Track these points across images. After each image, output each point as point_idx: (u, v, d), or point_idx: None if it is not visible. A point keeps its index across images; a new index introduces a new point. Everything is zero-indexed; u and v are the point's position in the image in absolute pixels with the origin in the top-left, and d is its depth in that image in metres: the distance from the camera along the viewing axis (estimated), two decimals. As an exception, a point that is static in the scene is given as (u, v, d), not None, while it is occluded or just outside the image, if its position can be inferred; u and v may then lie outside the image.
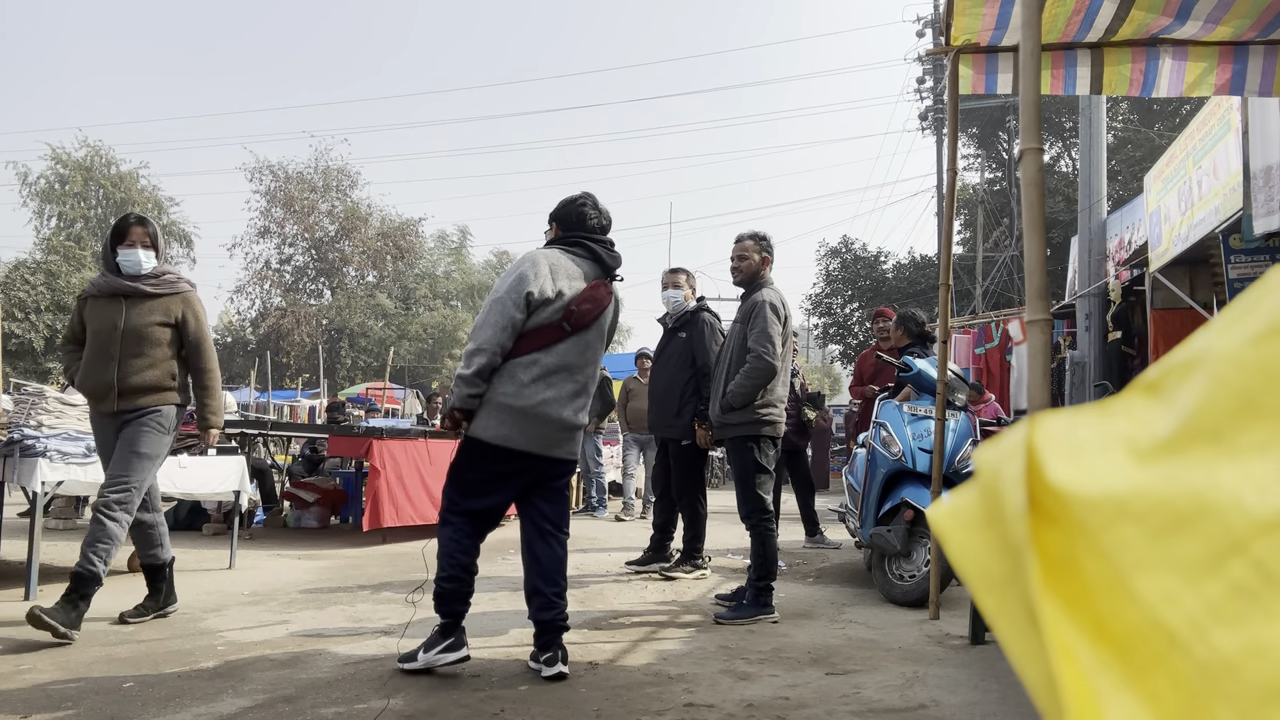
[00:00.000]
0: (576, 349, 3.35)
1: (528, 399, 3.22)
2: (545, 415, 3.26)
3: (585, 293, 3.34)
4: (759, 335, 4.39)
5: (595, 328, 3.41)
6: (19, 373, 19.44)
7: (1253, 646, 0.41)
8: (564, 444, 3.38)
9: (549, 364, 3.27)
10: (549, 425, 3.28)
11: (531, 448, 3.27)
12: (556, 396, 3.28)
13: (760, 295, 4.52)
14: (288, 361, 28.50)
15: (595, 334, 3.42)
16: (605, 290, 3.43)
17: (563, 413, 3.30)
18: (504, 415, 3.23)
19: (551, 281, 3.27)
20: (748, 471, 4.43)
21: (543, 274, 3.27)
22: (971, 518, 0.56)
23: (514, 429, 3.23)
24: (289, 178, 31.12)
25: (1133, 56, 4.13)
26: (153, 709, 2.79)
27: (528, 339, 3.25)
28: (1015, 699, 2.99)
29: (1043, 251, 2.43)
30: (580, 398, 3.39)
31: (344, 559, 6.28)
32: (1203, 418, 0.48)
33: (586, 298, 3.34)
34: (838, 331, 24.72)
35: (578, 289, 3.33)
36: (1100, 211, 8.88)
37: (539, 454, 3.30)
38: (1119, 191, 17.07)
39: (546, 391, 3.26)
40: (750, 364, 4.37)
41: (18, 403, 4.74)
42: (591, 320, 3.37)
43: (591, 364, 3.44)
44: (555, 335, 3.28)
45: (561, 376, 3.30)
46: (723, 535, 7.41)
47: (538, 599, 3.31)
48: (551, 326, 3.28)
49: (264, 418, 10.84)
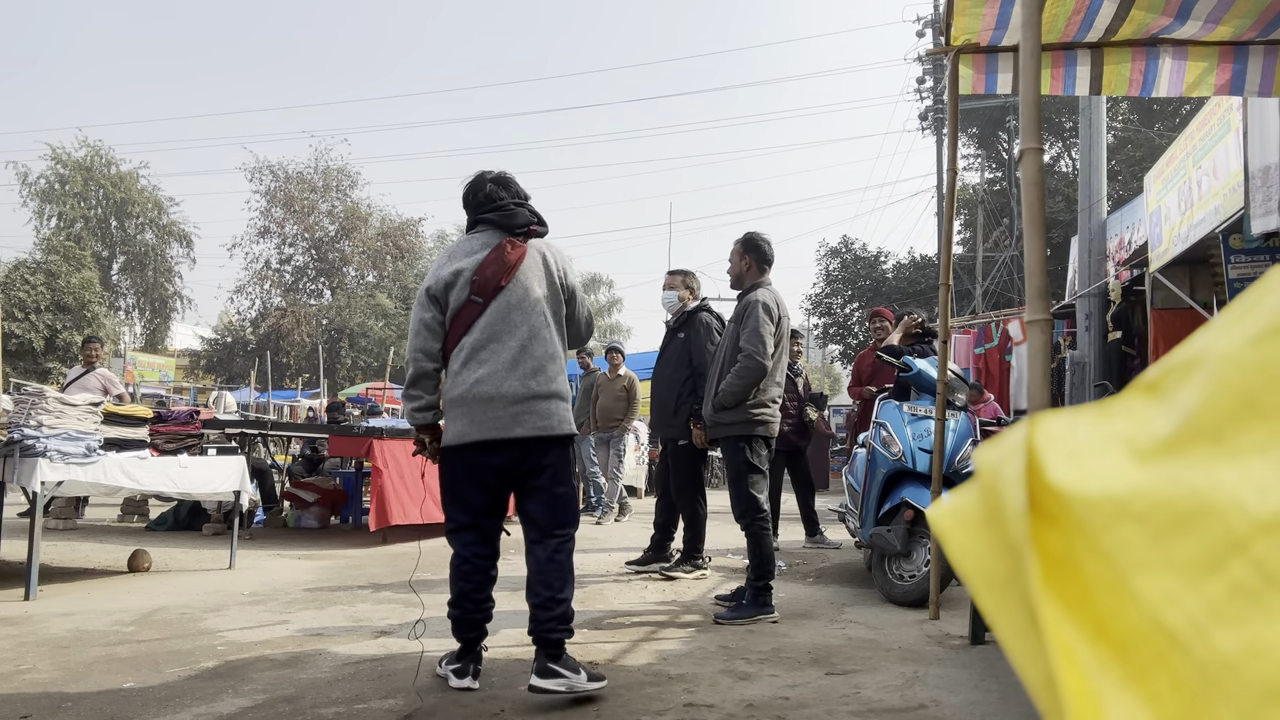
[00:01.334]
0: (499, 315, 3.13)
1: (461, 386, 3.09)
2: (484, 395, 3.07)
3: (488, 258, 3.17)
4: (750, 335, 4.41)
5: (512, 287, 3.17)
6: (19, 373, 19.43)
7: (1253, 646, 0.41)
8: (524, 420, 3.09)
9: (473, 342, 3.12)
10: (493, 404, 3.07)
11: (486, 434, 3.07)
12: (491, 372, 3.08)
13: (754, 295, 4.55)
14: (288, 361, 28.49)
15: (516, 293, 3.17)
16: (511, 247, 3.21)
17: (503, 387, 3.07)
18: (454, 411, 3.12)
19: (448, 266, 3.17)
20: (740, 472, 4.44)
21: (440, 266, 3.20)
22: (971, 518, 0.56)
23: (464, 422, 3.09)
24: (289, 178, 31.11)
25: (1133, 56, 4.13)
26: (153, 709, 2.79)
27: (452, 329, 3.15)
28: (1015, 699, 2.99)
29: (1043, 251, 2.43)
30: (523, 363, 3.12)
31: (344, 559, 6.28)
32: (1203, 418, 0.48)
33: (490, 262, 3.16)
34: (838, 331, 24.72)
35: (477, 260, 3.17)
36: (1100, 211, 8.88)
37: (499, 438, 3.07)
38: (1119, 191, 17.07)
39: (479, 370, 3.08)
40: (740, 363, 4.40)
41: (18, 403, 4.74)
42: (501, 281, 3.15)
43: (524, 324, 3.15)
44: (472, 313, 3.14)
45: (492, 349, 3.11)
46: (723, 535, 7.41)
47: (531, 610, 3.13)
48: (465, 306, 3.14)
49: (264, 418, 10.84)
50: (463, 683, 3.09)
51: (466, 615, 3.17)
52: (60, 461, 4.55)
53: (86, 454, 4.67)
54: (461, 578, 3.18)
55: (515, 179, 3.43)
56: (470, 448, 3.10)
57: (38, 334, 21.54)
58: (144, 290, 33.11)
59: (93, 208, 31.77)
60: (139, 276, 32.86)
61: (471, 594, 3.17)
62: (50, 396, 4.70)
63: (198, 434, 5.79)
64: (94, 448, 4.73)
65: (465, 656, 3.16)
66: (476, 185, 3.38)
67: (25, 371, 20.28)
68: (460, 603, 3.17)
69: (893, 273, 23.91)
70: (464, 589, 3.17)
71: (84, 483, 4.81)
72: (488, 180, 3.38)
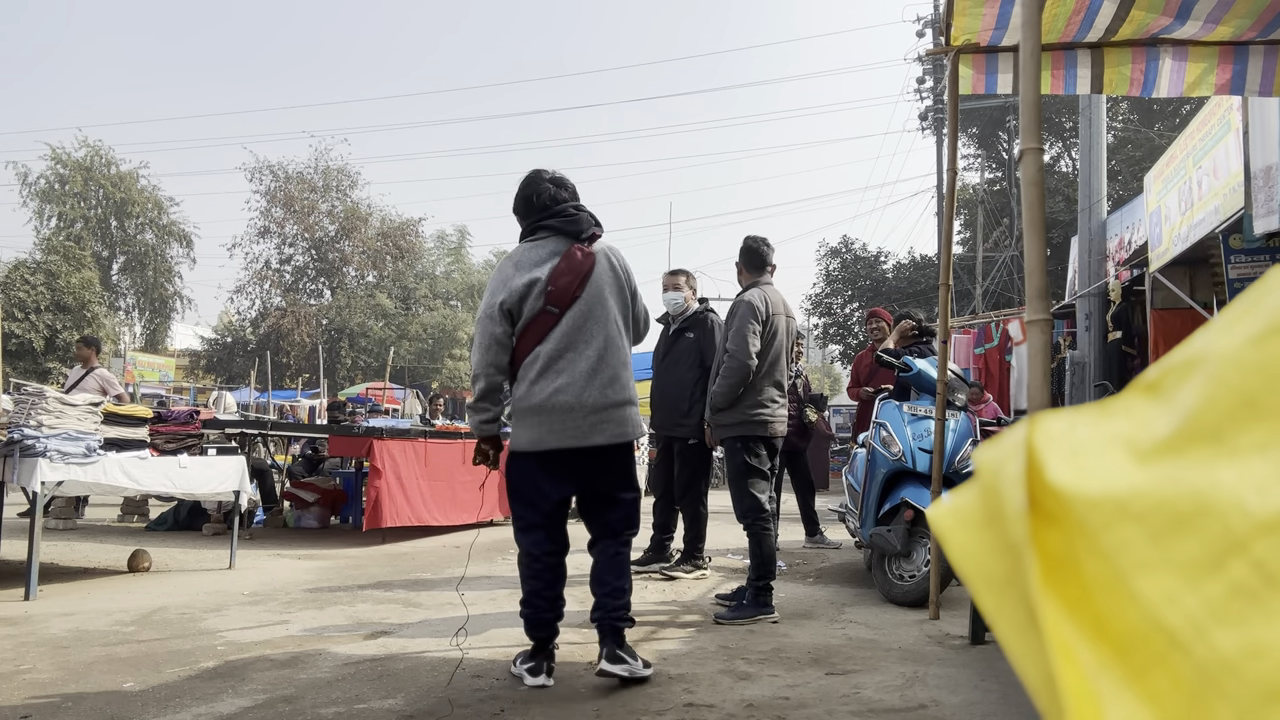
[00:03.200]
0: (575, 325, 3.15)
1: (539, 395, 3.11)
2: (563, 405, 3.10)
3: (559, 266, 3.16)
4: (734, 335, 4.45)
5: (587, 296, 3.19)
6: (19, 373, 19.43)
7: (1253, 646, 0.41)
8: (602, 429, 3.15)
9: (549, 351, 3.13)
10: (572, 414, 3.11)
11: (566, 442, 3.12)
12: (569, 382, 3.11)
13: (744, 296, 4.59)
14: (288, 361, 28.49)
15: (592, 301, 3.20)
16: (581, 254, 3.22)
17: (583, 396, 3.11)
18: (526, 419, 3.13)
19: (518, 278, 3.14)
20: (740, 472, 4.45)
21: (508, 277, 3.16)
22: (971, 518, 0.56)
23: (540, 429, 3.12)
24: (289, 178, 31.11)
25: (1133, 57, 4.12)
26: (153, 709, 2.79)
27: (525, 338, 3.16)
28: (1015, 699, 2.99)
29: (1043, 251, 2.43)
30: (601, 372, 3.16)
31: (344, 559, 6.28)
32: (1203, 418, 0.48)
33: (562, 271, 3.15)
34: (838, 331, 24.72)
35: (549, 269, 3.16)
36: (1100, 211, 8.88)
37: (578, 446, 3.14)
38: (1119, 191, 17.07)
39: (557, 380, 3.11)
40: (725, 364, 4.44)
41: (18, 403, 4.74)
42: (577, 290, 3.16)
43: (600, 334, 3.19)
44: (547, 322, 3.14)
45: (569, 359, 3.13)
46: (723, 535, 7.41)
47: (595, 601, 3.23)
48: (540, 315, 3.14)
49: (264, 418, 10.84)
50: (537, 680, 3.10)
51: (539, 614, 3.19)
52: (60, 461, 4.55)
53: (86, 454, 4.67)
54: (533, 575, 3.19)
55: (568, 177, 3.41)
56: (546, 453, 3.15)
57: (38, 334, 21.54)
58: (144, 290, 33.12)
59: (93, 208, 31.77)
60: (139, 276, 32.86)
61: (543, 591, 3.19)
62: (50, 396, 4.70)
63: (198, 434, 5.79)
64: (94, 448, 4.73)
65: (539, 654, 3.18)
66: (535, 188, 3.33)
67: (25, 371, 20.28)
68: (532, 601, 3.19)
69: (893, 273, 23.91)
70: (536, 587, 3.19)
71: (84, 483, 4.80)
72: (546, 180, 3.34)
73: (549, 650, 3.21)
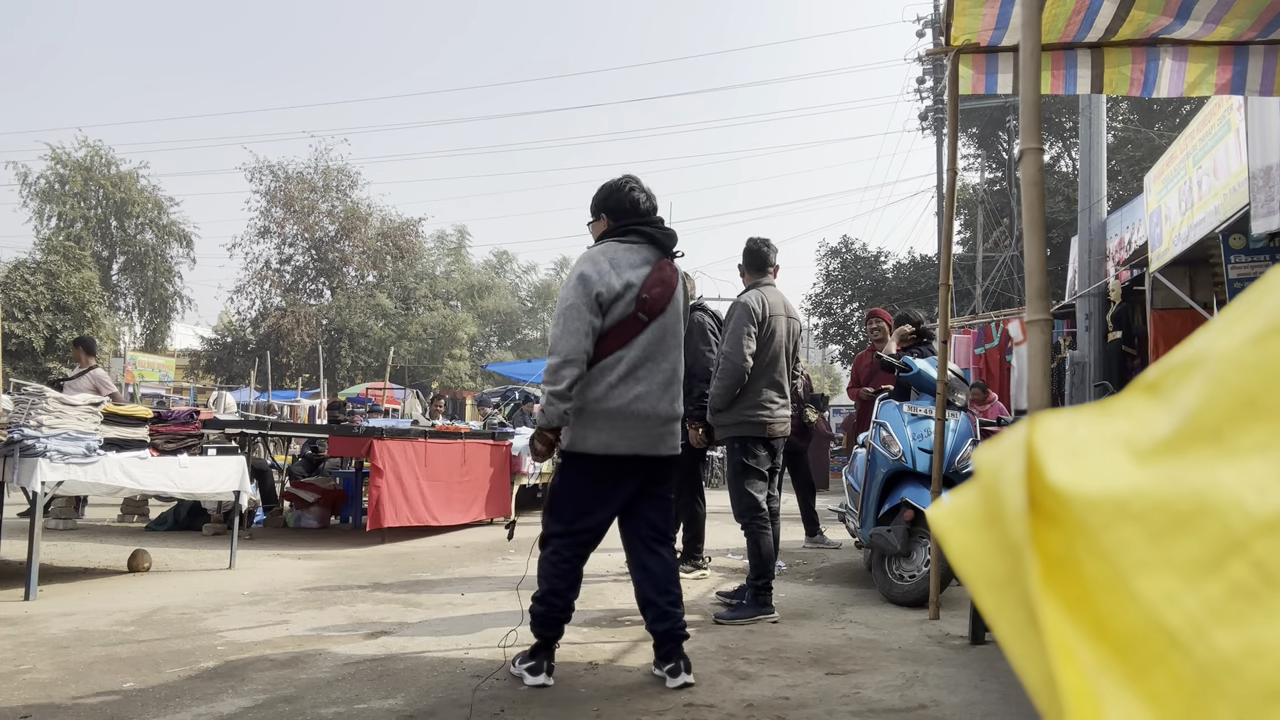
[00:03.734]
0: (657, 336, 3.21)
1: (619, 399, 3.11)
2: (641, 412, 3.13)
3: (652, 277, 3.20)
4: (728, 337, 4.48)
5: (670, 310, 3.27)
6: (19, 373, 19.43)
7: (1253, 646, 0.41)
8: (666, 440, 3.25)
9: (634, 358, 3.15)
10: (647, 422, 3.15)
11: (635, 449, 3.15)
12: (648, 390, 3.15)
13: (741, 298, 4.62)
14: (288, 361, 28.49)
15: (672, 317, 3.29)
16: (671, 270, 3.31)
17: (658, 406, 3.18)
18: (600, 422, 3.11)
19: (616, 276, 3.14)
20: (737, 472, 4.47)
21: (604, 271, 3.13)
22: (971, 518, 0.56)
23: (613, 434, 3.11)
24: (289, 178, 31.11)
25: (1133, 57, 4.12)
26: (153, 709, 2.79)
27: (608, 339, 3.13)
28: (1015, 699, 2.99)
29: (1043, 251, 2.43)
30: (673, 386, 3.27)
31: (344, 559, 6.28)
32: (1203, 418, 0.48)
33: (655, 282, 3.20)
34: (838, 331, 24.71)
35: (643, 276, 3.19)
36: (1100, 211, 8.88)
37: (644, 455, 3.18)
38: (1119, 191, 17.06)
39: (637, 387, 3.13)
40: (720, 365, 4.47)
41: (18, 403, 4.74)
42: (665, 304, 3.24)
43: (675, 349, 3.31)
44: (634, 328, 3.15)
45: (649, 369, 3.18)
46: (723, 535, 7.41)
47: (652, 610, 3.20)
48: (628, 320, 3.14)
49: (264, 418, 10.84)
50: (538, 680, 3.10)
51: (553, 612, 3.18)
52: (60, 461, 4.55)
53: (86, 454, 4.67)
54: (558, 575, 3.18)
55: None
56: (615, 459, 3.15)
57: (38, 334, 21.53)
58: (144, 290, 33.10)
59: (93, 208, 31.75)
60: (139, 276, 32.84)
61: (565, 592, 3.19)
62: (50, 396, 4.70)
63: (198, 434, 5.79)
64: (94, 448, 4.73)
65: (541, 653, 3.17)
66: (631, 192, 3.38)
67: (25, 371, 20.28)
68: (549, 599, 3.18)
69: (893, 273, 23.91)
70: (558, 587, 3.18)
71: (84, 483, 4.80)
72: (641, 188, 3.40)
73: (551, 650, 3.21)
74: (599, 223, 3.43)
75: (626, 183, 3.41)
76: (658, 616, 3.19)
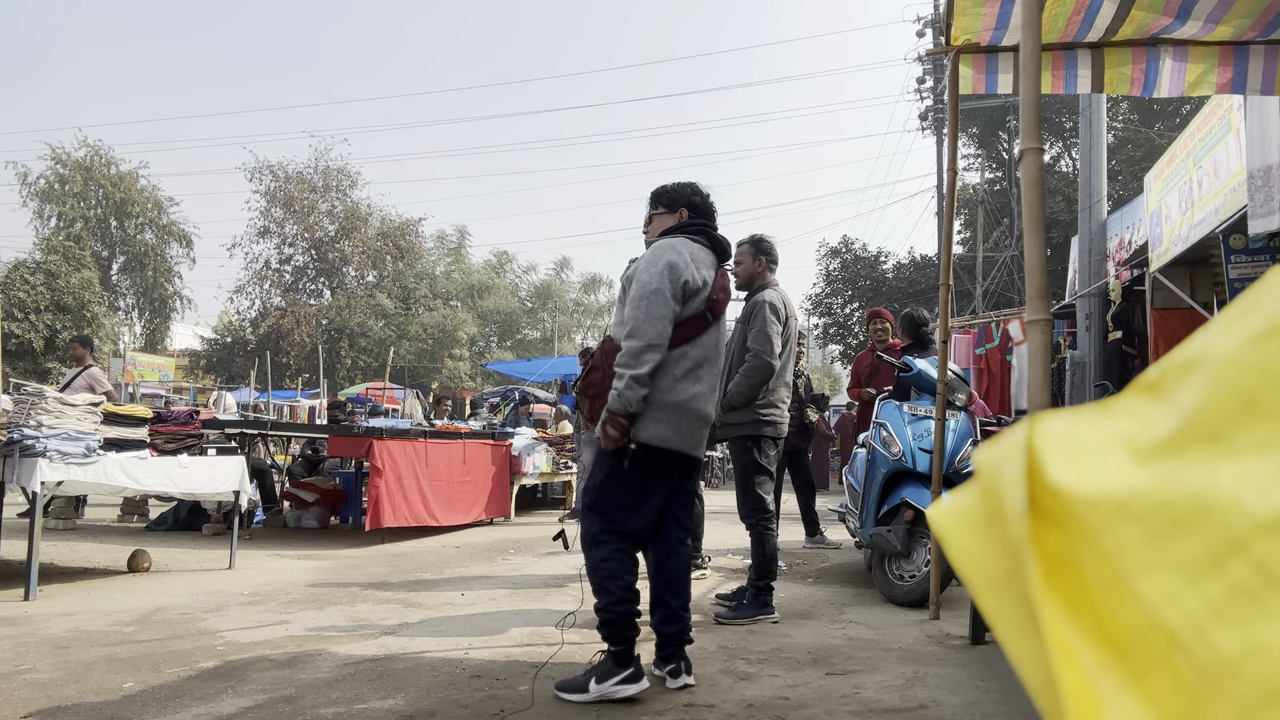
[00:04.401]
0: (714, 340, 3.22)
1: (681, 394, 3.06)
2: (696, 411, 3.11)
3: (718, 281, 3.23)
4: (757, 334, 4.42)
5: (723, 318, 3.31)
6: (19, 373, 19.44)
7: (1253, 646, 0.41)
8: (704, 442, 3.27)
9: (696, 356, 3.12)
10: (697, 421, 3.14)
11: (683, 447, 3.12)
12: (703, 391, 3.14)
13: (760, 296, 4.55)
14: (288, 361, 28.49)
15: (723, 324, 3.32)
16: (727, 278, 3.36)
17: (707, 407, 3.18)
18: (659, 414, 3.03)
19: (697, 271, 3.11)
20: (747, 471, 4.45)
21: (688, 263, 3.08)
22: (971, 518, 0.56)
23: (669, 428, 3.05)
24: (289, 178, 31.13)
25: (1133, 57, 4.12)
26: (153, 709, 2.79)
27: (678, 331, 3.07)
28: (1015, 699, 2.99)
29: (1043, 251, 2.43)
30: (716, 391, 3.29)
31: (344, 559, 6.28)
32: (1203, 418, 0.48)
33: (721, 286, 3.23)
34: (838, 331, 24.73)
35: (713, 278, 3.20)
36: (1100, 211, 8.88)
37: (687, 453, 3.15)
38: (1119, 191, 17.07)
39: (696, 386, 3.11)
40: (748, 363, 4.41)
41: (18, 403, 4.74)
42: (723, 310, 3.27)
43: (724, 354, 3.37)
44: (700, 326, 3.13)
45: (706, 369, 3.17)
46: (723, 535, 7.41)
47: (662, 610, 3.15)
48: (697, 317, 3.11)
49: (264, 418, 10.84)
50: (640, 685, 2.98)
51: (633, 611, 3.03)
52: (60, 461, 4.55)
53: (86, 454, 4.67)
54: (626, 571, 3.04)
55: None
56: (666, 453, 3.10)
57: (38, 334, 21.54)
58: (144, 290, 33.12)
59: (93, 208, 31.77)
60: (139, 276, 32.86)
61: (633, 585, 3.05)
62: (50, 396, 4.70)
63: (198, 434, 5.79)
64: (94, 448, 4.73)
65: (629, 659, 2.99)
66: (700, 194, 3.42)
67: (25, 371, 20.29)
68: (627, 597, 3.02)
69: (893, 273, 23.92)
70: (627, 581, 3.03)
71: (84, 483, 4.80)
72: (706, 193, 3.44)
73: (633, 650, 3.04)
74: (669, 216, 3.38)
75: (692, 184, 3.47)
76: (668, 618, 3.15)
